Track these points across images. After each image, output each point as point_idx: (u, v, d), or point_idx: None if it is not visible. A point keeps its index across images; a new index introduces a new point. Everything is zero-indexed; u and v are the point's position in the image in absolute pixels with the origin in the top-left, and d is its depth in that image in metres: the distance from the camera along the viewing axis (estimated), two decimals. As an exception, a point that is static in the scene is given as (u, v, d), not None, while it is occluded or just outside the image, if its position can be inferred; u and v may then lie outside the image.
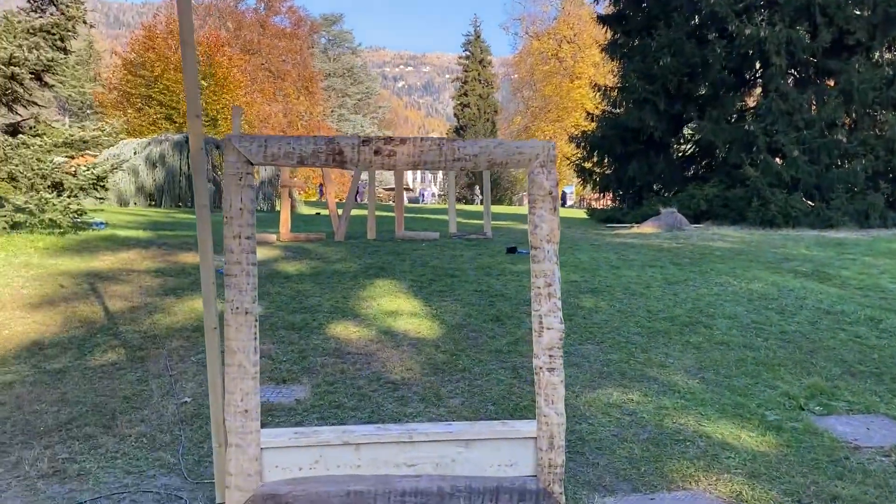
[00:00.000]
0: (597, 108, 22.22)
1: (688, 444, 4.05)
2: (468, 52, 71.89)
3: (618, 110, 19.67)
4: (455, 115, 74.70)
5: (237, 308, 3.16)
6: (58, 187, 8.71)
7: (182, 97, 26.43)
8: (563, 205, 46.43)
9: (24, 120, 9.38)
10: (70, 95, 52.19)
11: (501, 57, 71.49)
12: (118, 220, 12.23)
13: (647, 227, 13.64)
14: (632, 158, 18.90)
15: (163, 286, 7.15)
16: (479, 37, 72.29)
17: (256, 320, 3.20)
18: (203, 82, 27.44)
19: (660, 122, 18.02)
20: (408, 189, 62.46)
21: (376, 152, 3.21)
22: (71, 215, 8.62)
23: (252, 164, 3.21)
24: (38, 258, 7.65)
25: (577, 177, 21.76)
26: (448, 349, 5.59)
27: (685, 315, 6.66)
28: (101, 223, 11.02)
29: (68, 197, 8.63)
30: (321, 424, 4.19)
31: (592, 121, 20.35)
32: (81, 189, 8.87)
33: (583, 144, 20.01)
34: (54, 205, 8.34)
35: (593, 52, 49.94)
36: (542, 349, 3.35)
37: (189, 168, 18.86)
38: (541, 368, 3.33)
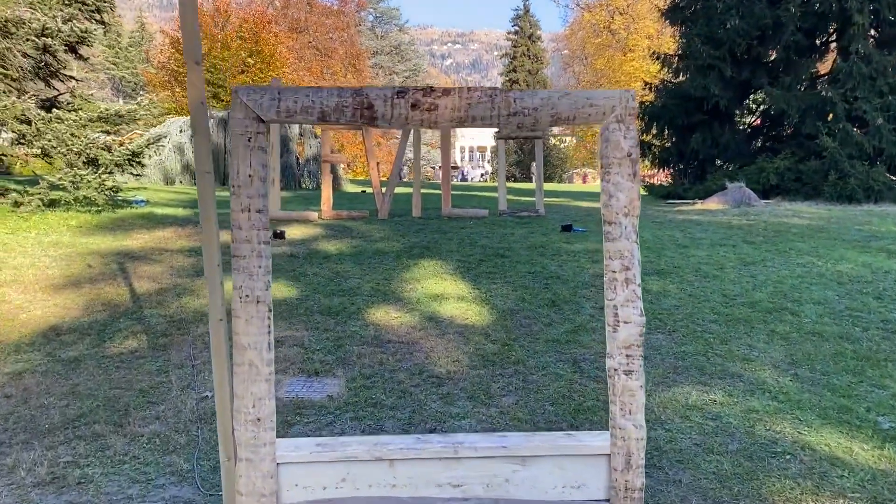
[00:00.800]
0: (655, 77, 20.94)
1: (788, 457, 3.37)
2: (517, 27, 70.18)
3: (679, 79, 18.35)
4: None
5: (247, 296, 2.64)
6: (93, 163, 8.44)
7: (229, 74, 26.33)
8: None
9: (60, 94, 9.14)
10: (123, 77, 53.35)
11: (551, 32, 69.64)
12: (160, 198, 12.01)
13: (713, 203, 12.66)
14: (694, 130, 17.60)
15: (195, 266, 6.76)
16: (528, 11, 70.39)
17: (270, 311, 2.68)
18: (249, 59, 27.28)
19: (725, 89, 16.65)
20: (455, 167, 61.79)
21: (414, 106, 2.62)
22: (106, 192, 8.35)
23: (263, 121, 2.66)
24: (70, 237, 7.38)
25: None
26: (499, 338, 5.00)
27: (767, 300, 5.88)
28: (142, 200, 10.80)
29: (104, 173, 8.35)
30: (355, 425, 3.68)
31: (651, 91, 19.12)
32: (117, 165, 8.59)
33: (641, 116, 18.75)
34: (89, 181, 8.06)
35: (647, 24, 47.99)
36: (617, 347, 2.73)
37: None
38: (616, 371, 2.71)
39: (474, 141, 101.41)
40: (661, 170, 20.56)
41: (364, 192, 18.59)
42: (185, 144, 17.98)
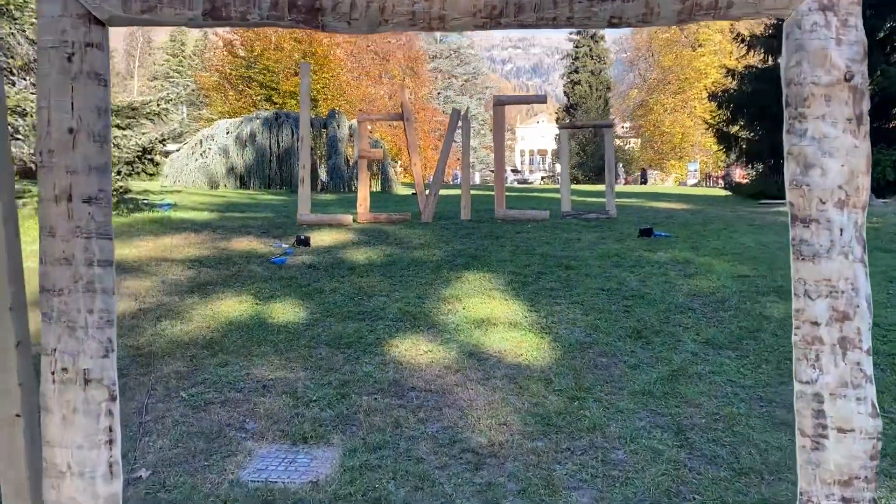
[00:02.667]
0: (738, 62, 18.72)
1: None
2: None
3: (770, 62, 16.01)
4: (565, 93, 71.23)
5: (64, 370, 1.32)
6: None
7: (282, 76, 25.69)
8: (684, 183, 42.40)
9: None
10: (187, 85, 54.22)
11: (612, 36, 66.89)
12: (191, 201, 11.08)
13: (819, 203, 10.76)
14: None
15: (192, 280, 5.60)
16: (591, 8, 68.20)
17: (113, 398, 1.37)
18: (303, 61, 26.53)
19: None
20: (515, 171, 60.17)
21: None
22: (113, 192, 7.34)
23: (101, 22, 1.35)
24: (60, 245, 6.37)
25: (718, 144, 18.37)
26: (565, 387, 3.57)
27: (941, 332, 4.22)
28: (168, 204, 9.85)
29: (113, 173, 7.37)
30: (339, 542, 2.34)
31: (734, 78, 16.93)
32: (127, 164, 7.61)
33: (725, 104, 16.70)
34: (94, 182, 7.07)
35: (721, 15, 45.22)
36: (824, 481, 1.27)
37: (280, 147, 17.76)
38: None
39: (534, 143, 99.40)
40: (749, 166, 18.18)
41: (415, 194, 17.36)
42: (230, 147, 17.19)
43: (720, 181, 39.37)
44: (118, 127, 7.77)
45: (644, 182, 40.91)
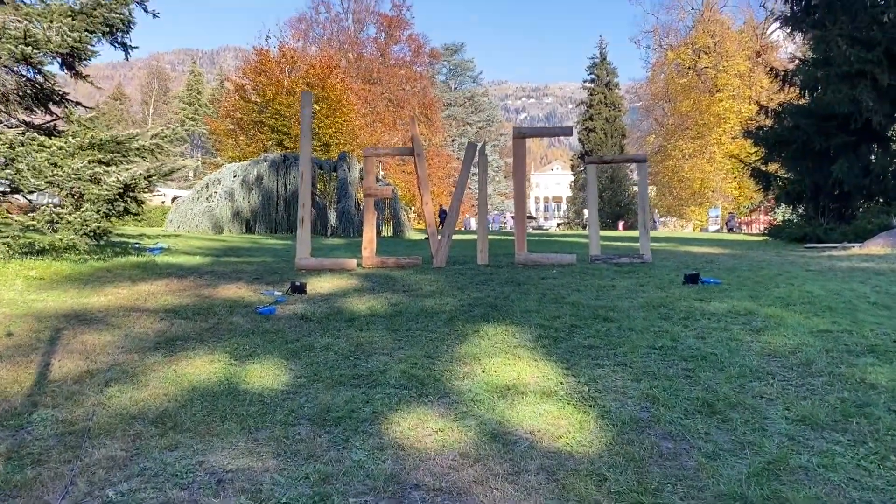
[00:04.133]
0: (771, 100, 17.81)
1: None
2: (594, 76, 68.43)
3: (807, 96, 14.94)
4: (580, 139, 71.30)
5: None
6: (77, 200, 6.75)
7: (293, 121, 25.33)
8: (706, 229, 41.36)
9: (52, 120, 7.60)
10: (203, 133, 54.57)
11: (626, 84, 67.01)
12: (189, 246, 10.33)
13: (876, 247, 9.69)
14: (836, 156, 14.05)
15: (160, 335, 4.74)
16: (604, 59, 68.61)
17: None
18: (315, 106, 26.25)
19: (881, 102, 13.06)
20: (531, 217, 59.54)
21: None
22: (90, 234, 6.57)
23: None
24: (18, 292, 5.56)
25: (756, 184, 17.29)
26: (626, 487, 2.61)
27: None
28: (159, 248, 9.09)
29: (91, 212, 6.60)
30: None
31: (767, 115, 15.99)
32: (107, 203, 6.84)
33: (762, 142, 15.79)
34: (69, 222, 6.31)
35: (738, 61, 44.99)
36: None
37: (287, 190, 17.09)
38: None
39: (549, 191, 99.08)
40: (791, 207, 16.90)
41: (427, 238, 16.55)
42: (236, 190, 16.56)
43: (742, 227, 38.21)
44: (100, 162, 7.05)
45: (654, 228, 39.97)
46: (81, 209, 6.56)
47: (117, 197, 6.88)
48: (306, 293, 6.22)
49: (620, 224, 45.66)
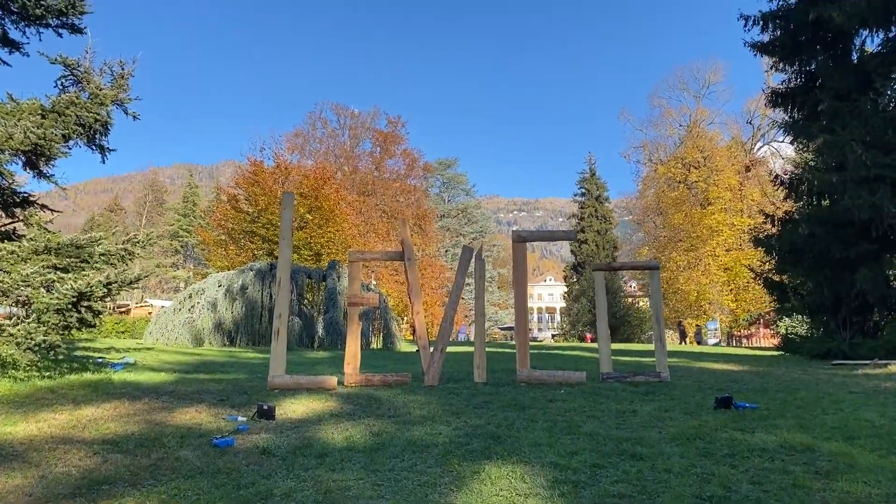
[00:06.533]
0: (777, 208, 17.34)
1: None
2: (584, 189, 70.06)
3: (815, 202, 14.44)
4: (572, 251, 71.85)
5: None
6: (25, 308, 6.00)
7: (285, 231, 25.02)
8: (701, 342, 40.40)
9: (12, 222, 6.98)
10: (196, 245, 54.41)
11: (615, 200, 68.49)
12: (158, 361, 9.43)
13: (912, 364, 8.88)
14: (858, 265, 13.39)
15: (86, 475, 3.82)
16: (594, 174, 70.57)
17: None
18: (308, 216, 26.04)
19: None
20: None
21: None
22: (34, 348, 5.74)
23: None
24: (-74, 418, 4.65)
25: (770, 295, 16.62)
26: None
27: None
28: (121, 364, 8.21)
29: (36, 323, 5.82)
30: None
31: (773, 224, 15.53)
32: (58, 312, 6.07)
33: (774, 251, 15.16)
34: (11, 334, 5.51)
35: (728, 175, 45.96)
36: None
37: (272, 300, 16.32)
38: None
39: (542, 302, 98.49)
40: (809, 319, 15.93)
41: (419, 352, 15.60)
42: (219, 300, 15.80)
43: (743, 341, 37.34)
44: (55, 268, 6.37)
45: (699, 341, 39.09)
46: (27, 320, 5.79)
47: (70, 307, 6.11)
48: (275, 419, 5.32)
49: (588, 336, 44.15)
